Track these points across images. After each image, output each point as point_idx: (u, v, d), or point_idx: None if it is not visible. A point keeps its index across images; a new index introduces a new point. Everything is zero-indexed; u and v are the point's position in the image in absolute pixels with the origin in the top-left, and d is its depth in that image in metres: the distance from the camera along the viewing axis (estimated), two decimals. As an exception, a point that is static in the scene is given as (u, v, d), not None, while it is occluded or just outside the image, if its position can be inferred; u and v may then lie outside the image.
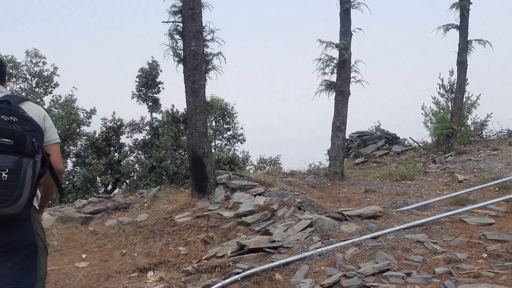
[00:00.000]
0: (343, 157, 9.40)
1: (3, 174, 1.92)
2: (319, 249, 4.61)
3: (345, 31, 9.41)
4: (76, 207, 7.19)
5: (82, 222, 6.44)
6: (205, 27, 7.37)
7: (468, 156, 10.50)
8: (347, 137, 15.34)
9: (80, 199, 7.84)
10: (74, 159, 22.10)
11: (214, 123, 25.80)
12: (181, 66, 7.53)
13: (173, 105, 23.23)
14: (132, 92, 23.98)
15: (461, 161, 10.10)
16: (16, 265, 2.12)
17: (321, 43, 9.20)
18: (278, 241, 4.88)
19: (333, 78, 9.58)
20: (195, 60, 7.10)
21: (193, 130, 7.18)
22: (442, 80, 15.30)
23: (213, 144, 26.26)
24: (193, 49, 7.08)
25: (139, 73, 23.67)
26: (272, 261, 4.40)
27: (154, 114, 24.51)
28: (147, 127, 24.53)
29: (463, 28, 12.25)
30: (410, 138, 14.37)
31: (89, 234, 6.18)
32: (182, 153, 23.21)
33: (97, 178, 20.92)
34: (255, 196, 6.60)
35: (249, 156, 25.97)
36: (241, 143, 26.72)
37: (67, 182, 19.84)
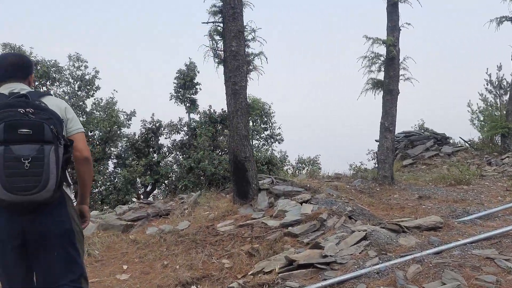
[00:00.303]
0: (393, 160, 8.85)
1: (26, 163, 2.03)
2: (377, 266, 4.17)
3: (393, 27, 8.85)
4: (117, 213, 7.05)
5: (123, 230, 6.27)
6: (246, 27, 7.06)
7: (530, 157, 9.67)
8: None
9: (120, 205, 7.72)
10: (115, 161, 22.44)
11: (251, 123, 25.55)
12: (221, 68, 7.25)
13: (210, 106, 23.14)
14: (170, 93, 24.10)
15: (522, 164, 9.31)
16: (61, 254, 2.31)
17: (367, 40, 8.69)
18: (331, 256, 4.48)
19: (380, 76, 9.05)
20: (236, 61, 6.79)
21: (234, 133, 6.88)
22: (490, 75, 14.36)
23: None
24: (234, 50, 6.78)
25: (177, 75, 23.75)
26: (325, 279, 4.01)
27: (191, 115, 24.52)
28: (185, 128, 24.58)
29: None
30: (460, 138, 13.51)
31: (130, 243, 5.99)
32: (220, 154, 23.11)
33: (137, 179, 21.14)
34: (301, 203, 6.21)
35: (287, 156, 25.56)
36: (279, 143, 26.35)
37: (108, 183, 20.14)
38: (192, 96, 24.10)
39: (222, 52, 7.12)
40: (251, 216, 6.24)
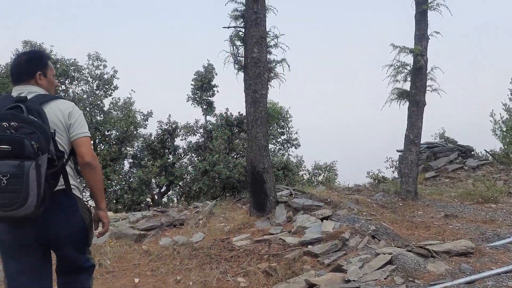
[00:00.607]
0: (417, 174, 8.49)
1: (4, 180, 2.00)
2: (404, 295, 3.89)
3: (421, 35, 8.49)
4: (130, 221, 6.86)
5: (136, 239, 6.08)
6: (269, 32, 6.80)
7: (561, 175, 9.20)
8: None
9: (134, 212, 7.53)
10: (130, 160, 22.43)
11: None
12: (241, 74, 7.02)
13: (227, 109, 22.99)
14: (187, 95, 24.00)
15: (553, 182, 8.84)
16: (73, 249, 2.50)
17: (394, 48, 8.35)
18: (354, 280, 4.20)
19: (406, 86, 8.70)
20: (257, 68, 6.55)
21: (253, 143, 6.63)
22: None
23: (266, 148, 25.66)
24: (256, 56, 6.54)
25: (195, 76, 23.66)
26: (348, 308, 3.74)
27: (208, 117, 24.39)
28: (201, 130, 24.45)
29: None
30: (485, 151, 13.03)
31: (143, 254, 5.79)
32: (235, 157, 22.90)
33: (152, 180, 21.07)
34: (321, 220, 5.93)
35: (303, 161, 25.21)
36: (296, 147, 26.01)
37: (123, 183, 20.09)
38: (209, 98, 23.96)
39: (243, 58, 6.88)
40: (268, 230, 5.98)
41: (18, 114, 2.15)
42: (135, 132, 21.57)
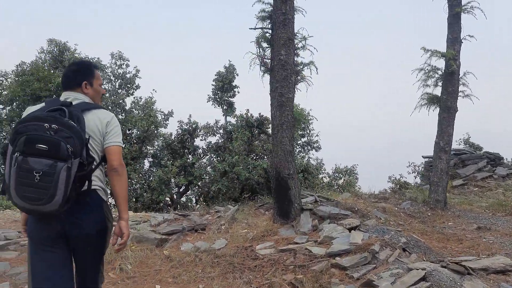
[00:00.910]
0: (447, 183, 8.16)
1: (37, 176, 2.16)
2: (441, 317, 3.64)
3: (454, 39, 8.17)
4: (151, 224, 6.76)
5: (157, 244, 5.96)
6: (297, 34, 6.60)
7: None
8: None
9: (155, 215, 7.42)
10: (150, 159, 22.50)
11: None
12: (267, 76, 6.84)
13: (247, 110, 22.87)
14: (208, 95, 23.96)
15: None
16: (93, 249, 2.59)
17: (425, 52, 8.05)
18: (386, 298, 3.98)
19: (436, 91, 8.39)
20: (284, 71, 6.36)
21: (278, 148, 6.44)
22: None
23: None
24: (283, 59, 6.35)
25: (216, 77, 23.59)
26: (381, 328, 3.52)
27: (228, 118, 24.31)
28: (221, 131, 24.39)
29: None
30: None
31: (164, 259, 5.66)
32: (255, 158, 22.74)
33: (171, 179, 21.08)
34: (349, 230, 5.70)
35: (323, 164, 24.92)
36: (316, 150, 25.71)
37: (142, 182, 20.13)
38: (229, 99, 23.89)
39: (269, 60, 6.70)
40: (293, 239, 5.78)
41: (59, 118, 2.31)
42: (155, 131, 21.63)
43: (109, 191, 2.77)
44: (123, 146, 2.87)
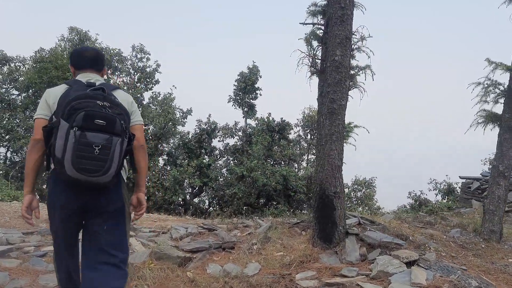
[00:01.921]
0: (503, 212, 7.25)
1: (96, 149, 2.33)
2: None
3: (522, 50, 7.25)
4: (172, 237, 5.98)
5: (180, 263, 5.16)
6: (355, 33, 5.77)
7: None
8: (478, 175, 12.89)
9: (177, 228, 6.59)
10: (165, 157, 21.83)
11: (309, 136, 24.24)
12: (314, 79, 6.04)
13: (269, 113, 22.10)
14: (229, 95, 23.25)
15: None
16: (110, 227, 2.67)
17: (489, 64, 7.16)
18: None
19: (496, 109, 7.48)
20: (338, 74, 5.53)
21: (325, 161, 5.62)
22: None
23: (305, 157, 24.73)
24: (338, 60, 5.52)
25: (238, 77, 22.88)
26: None
27: (248, 120, 23.56)
28: (240, 133, 23.63)
29: None
30: None
31: (187, 282, 4.85)
32: (273, 164, 21.94)
33: (186, 180, 20.38)
34: (406, 264, 4.85)
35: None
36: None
37: (156, 180, 19.40)
38: (251, 101, 23.15)
39: (320, 61, 5.89)
40: (339, 270, 4.94)
41: (107, 96, 2.50)
42: (173, 129, 20.95)
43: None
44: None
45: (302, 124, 24.32)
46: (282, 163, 23.59)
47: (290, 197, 19.57)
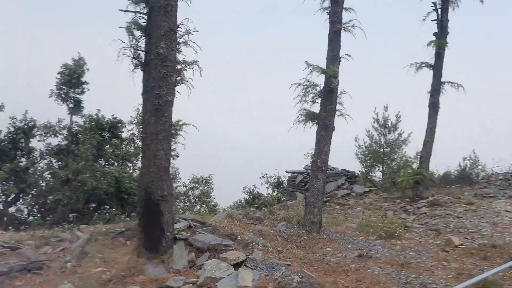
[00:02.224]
0: (322, 203, 7.86)
1: None
2: None
3: (334, 56, 7.98)
4: (-43, 263, 4.76)
5: (-36, 297, 4.10)
6: (180, 26, 5.44)
7: (444, 209, 9.52)
8: (301, 169, 14.00)
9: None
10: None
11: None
12: (139, 73, 5.53)
13: (99, 110, 20.40)
14: (50, 89, 20.68)
15: (440, 216, 9.05)
16: None
17: (308, 66, 7.68)
18: None
19: (314, 108, 8.10)
20: (164, 68, 5.13)
21: (151, 163, 5.17)
22: (377, 114, 15.66)
23: (139, 157, 23.65)
24: (162, 53, 5.12)
25: (62, 69, 20.50)
26: None
27: (74, 118, 21.35)
28: (65, 132, 21.29)
29: (437, 68, 11.51)
30: (369, 178, 13.37)
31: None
32: (104, 165, 20.36)
33: (-4, 187, 17.41)
34: (234, 266, 4.74)
35: (178, 172, 23.76)
36: (173, 158, 24.35)
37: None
38: (77, 96, 21.01)
39: (144, 53, 5.40)
40: (164, 281, 4.56)
41: None
42: (-25, 127, 17.63)
43: None
44: None
45: (136, 121, 23.22)
46: (115, 163, 22.11)
47: (123, 200, 18.43)
